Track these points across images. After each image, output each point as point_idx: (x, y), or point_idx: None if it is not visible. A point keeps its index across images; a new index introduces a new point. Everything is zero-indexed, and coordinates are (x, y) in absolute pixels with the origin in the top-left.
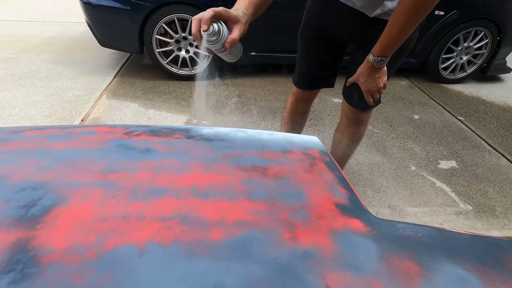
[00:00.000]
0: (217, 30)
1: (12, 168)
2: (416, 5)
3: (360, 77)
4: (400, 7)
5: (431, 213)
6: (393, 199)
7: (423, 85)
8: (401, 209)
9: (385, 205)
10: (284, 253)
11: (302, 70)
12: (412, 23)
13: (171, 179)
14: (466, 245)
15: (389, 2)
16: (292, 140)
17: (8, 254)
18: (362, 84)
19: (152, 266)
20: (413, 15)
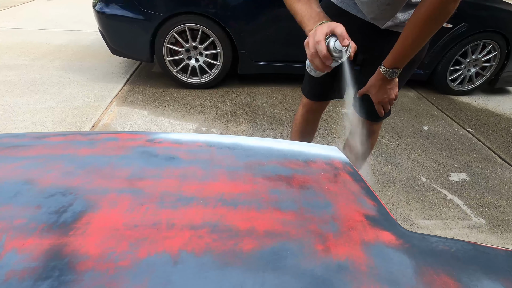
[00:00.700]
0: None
1: (39, 173)
2: (430, 18)
3: (371, 88)
4: (414, 20)
5: (444, 226)
6: (404, 211)
7: (431, 96)
8: (412, 221)
9: (397, 217)
10: (319, 265)
11: (313, 81)
12: (425, 36)
13: (197, 187)
14: (503, 261)
15: (401, 14)
16: (313, 149)
17: (44, 261)
18: (373, 95)
19: (187, 276)
20: (427, 27)
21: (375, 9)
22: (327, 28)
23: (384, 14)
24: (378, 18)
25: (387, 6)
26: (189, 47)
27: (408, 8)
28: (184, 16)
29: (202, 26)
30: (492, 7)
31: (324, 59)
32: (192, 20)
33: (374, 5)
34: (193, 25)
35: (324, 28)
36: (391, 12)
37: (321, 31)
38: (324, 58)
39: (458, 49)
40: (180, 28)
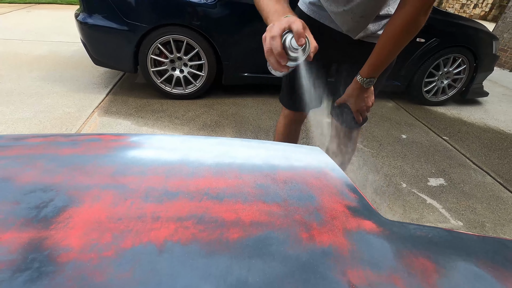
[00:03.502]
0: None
1: (18, 172)
2: (404, 30)
3: (349, 98)
4: (389, 32)
5: None
6: (387, 216)
7: (408, 106)
8: None
9: None
10: (303, 251)
11: (294, 92)
12: (399, 46)
13: (183, 183)
14: (477, 245)
15: (372, 25)
16: (296, 149)
17: (23, 253)
18: (351, 104)
19: (173, 264)
20: (401, 39)
21: (348, 21)
22: (285, 22)
23: (358, 26)
24: (351, 30)
25: (361, 19)
26: (174, 58)
27: (378, 19)
28: (169, 28)
29: (187, 37)
30: (460, 24)
31: (279, 57)
32: (177, 31)
33: (348, 18)
34: (178, 36)
35: (283, 23)
36: (364, 24)
37: (279, 26)
38: (278, 56)
39: (431, 62)
40: (165, 39)
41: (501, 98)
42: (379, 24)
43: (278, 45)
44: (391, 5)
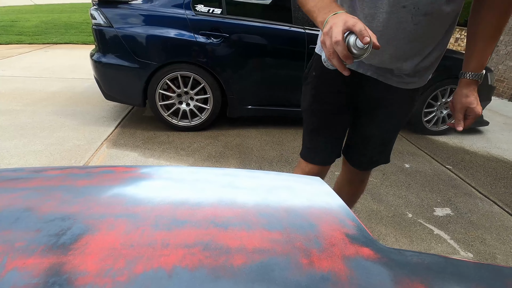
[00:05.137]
0: (358, 45)
1: (39, 202)
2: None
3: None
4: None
5: None
6: (394, 247)
7: (410, 136)
8: None
9: None
10: (304, 276)
11: (320, 145)
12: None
13: (190, 212)
14: (472, 272)
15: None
16: (297, 179)
17: (44, 277)
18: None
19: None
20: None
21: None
22: (343, 25)
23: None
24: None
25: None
26: (181, 92)
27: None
28: (177, 65)
29: (194, 73)
30: (455, 58)
31: (345, 59)
32: (184, 68)
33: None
34: (185, 72)
35: (340, 26)
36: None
37: (338, 30)
38: (345, 58)
39: (429, 93)
40: (173, 76)
41: (502, 127)
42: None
43: (344, 49)
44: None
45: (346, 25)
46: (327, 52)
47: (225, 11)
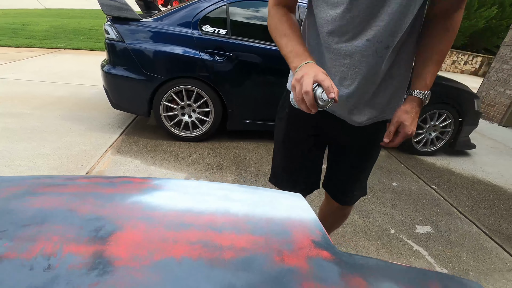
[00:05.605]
0: (324, 98)
1: (78, 205)
2: (449, 47)
3: (407, 118)
4: (447, 46)
5: None
6: None
7: (399, 155)
8: None
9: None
10: (276, 269)
11: (292, 183)
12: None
13: (193, 218)
14: (403, 273)
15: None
16: (281, 195)
17: (92, 259)
18: (408, 124)
19: (187, 272)
20: (447, 53)
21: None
22: (314, 77)
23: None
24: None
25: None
26: (184, 105)
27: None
28: (182, 79)
29: (197, 88)
30: (443, 84)
31: (311, 107)
32: (188, 83)
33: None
34: (189, 87)
35: (311, 78)
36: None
37: (309, 81)
38: (311, 106)
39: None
40: (177, 89)
41: (489, 150)
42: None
43: (311, 99)
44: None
45: (316, 78)
46: (296, 97)
47: (230, 32)
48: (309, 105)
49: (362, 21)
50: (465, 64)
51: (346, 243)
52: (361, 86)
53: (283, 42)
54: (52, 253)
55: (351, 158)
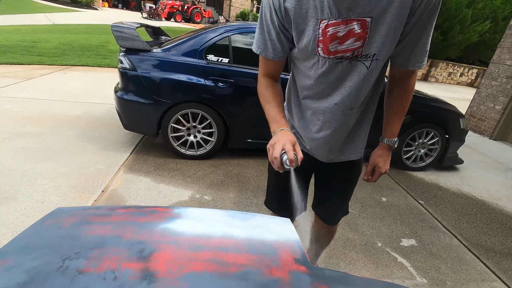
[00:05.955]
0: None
1: (122, 232)
2: (410, 98)
3: (380, 160)
4: (406, 102)
5: None
6: (361, 271)
7: (391, 171)
8: None
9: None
10: (266, 279)
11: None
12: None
13: (206, 241)
14: (358, 282)
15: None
16: (272, 220)
17: (141, 272)
18: (382, 166)
19: (205, 281)
20: (409, 103)
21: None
22: (282, 145)
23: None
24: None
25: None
26: (190, 126)
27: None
28: (188, 104)
29: (202, 111)
30: (429, 105)
31: (279, 169)
32: (194, 106)
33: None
34: (195, 110)
35: (280, 146)
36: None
37: (278, 149)
38: (279, 169)
39: (407, 134)
40: (184, 112)
41: (478, 165)
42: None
43: (278, 163)
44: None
45: (283, 147)
46: (269, 158)
47: (232, 60)
48: (277, 168)
49: (330, 90)
50: (461, 76)
51: (336, 256)
52: (334, 134)
53: (266, 107)
54: (115, 268)
55: (334, 187)
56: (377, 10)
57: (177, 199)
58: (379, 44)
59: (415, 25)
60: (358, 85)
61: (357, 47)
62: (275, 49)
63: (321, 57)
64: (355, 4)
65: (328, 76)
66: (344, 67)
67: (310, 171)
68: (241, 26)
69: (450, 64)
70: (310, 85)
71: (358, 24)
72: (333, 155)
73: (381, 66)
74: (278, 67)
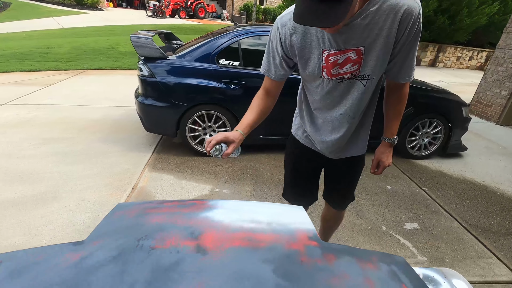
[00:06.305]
0: (218, 149)
1: (174, 220)
2: (405, 101)
3: (383, 156)
4: (401, 107)
5: None
6: None
7: (396, 160)
8: None
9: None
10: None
11: (299, 197)
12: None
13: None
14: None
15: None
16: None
17: (196, 248)
18: (385, 161)
19: (242, 253)
20: (404, 106)
21: (344, 123)
22: (222, 137)
23: (350, 127)
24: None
25: (353, 120)
26: (205, 126)
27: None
28: (203, 105)
29: (216, 112)
30: (431, 96)
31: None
32: (209, 108)
33: (344, 120)
34: (210, 111)
35: (219, 136)
36: (354, 125)
37: (215, 136)
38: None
39: (411, 125)
40: (200, 113)
41: (482, 151)
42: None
43: (207, 144)
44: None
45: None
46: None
47: (242, 63)
48: (206, 148)
49: (335, 104)
50: (470, 60)
51: (344, 239)
52: (341, 137)
53: (247, 111)
54: (176, 245)
55: (341, 179)
56: (368, 41)
57: (199, 193)
58: (372, 67)
59: (400, 50)
60: (358, 99)
61: (355, 70)
62: (277, 72)
63: (325, 79)
64: (349, 38)
65: (333, 93)
66: (345, 85)
67: (320, 166)
68: (249, 31)
69: (459, 48)
70: (318, 100)
71: (353, 52)
72: (339, 153)
73: (375, 83)
74: (277, 86)
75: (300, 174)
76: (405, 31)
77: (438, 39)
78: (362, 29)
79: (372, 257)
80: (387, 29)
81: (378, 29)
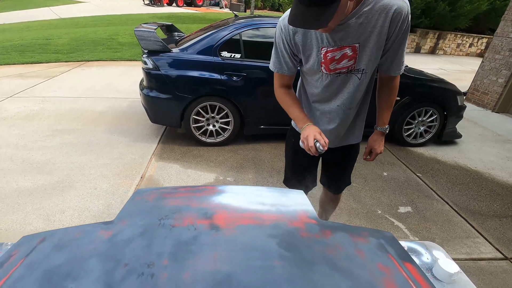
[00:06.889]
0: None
1: (188, 203)
2: (396, 93)
3: (375, 144)
4: (393, 98)
5: None
6: None
7: (392, 148)
8: None
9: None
10: (287, 228)
11: (299, 184)
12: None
13: (247, 206)
14: (349, 228)
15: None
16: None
17: (210, 225)
18: (377, 148)
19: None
20: (395, 97)
21: (341, 114)
22: (314, 137)
23: (347, 118)
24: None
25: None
26: (209, 117)
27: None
28: (206, 97)
29: (219, 103)
30: (427, 85)
31: (314, 154)
32: (212, 99)
33: (341, 111)
34: (213, 102)
35: (312, 137)
36: (351, 114)
37: (311, 139)
38: (314, 153)
39: (407, 113)
40: (203, 105)
41: (476, 138)
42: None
43: (314, 150)
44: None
45: (315, 138)
46: (306, 148)
47: (244, 55)
48: (313, 153)
49: (333, 96)
50: (470, 47)
51: (342, 222)
52: (338, 127)
53: (290, 111)
54: (193, 223)
55: (337, 165)
56: (362, 38)
57: (205, 181)
58: (366, 62)
59: (392, 46)
60: (354, 91)
61: (351, 65)
62: (289, 67)
63: (324, 73)
64: (345, 36)
65: (331, 86)
66: (342, 79)
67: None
68: (249, 23)
69: (459, 35)
70: (318, 93)
71: (349, 49)
72: (337, 141)
73: (370, 76)
74: (292, 78)
75: (300, 163)
76: (395, 29)
77: (438, 26)
78: (356, 27)
79: (363, 232)
80: (380, 27)
81: (371, 27)
